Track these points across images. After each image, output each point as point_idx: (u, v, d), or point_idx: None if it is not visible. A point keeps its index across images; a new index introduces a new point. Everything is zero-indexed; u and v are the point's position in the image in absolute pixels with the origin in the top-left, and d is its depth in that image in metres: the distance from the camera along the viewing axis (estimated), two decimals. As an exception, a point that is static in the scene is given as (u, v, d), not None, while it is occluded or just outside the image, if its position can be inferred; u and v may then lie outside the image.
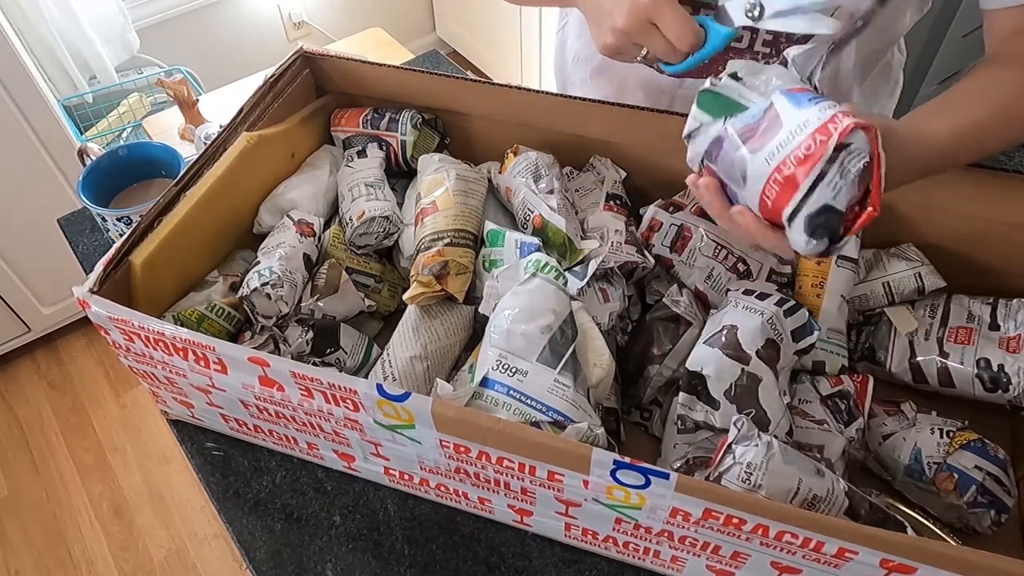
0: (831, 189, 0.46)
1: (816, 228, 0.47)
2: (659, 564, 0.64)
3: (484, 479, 0.62)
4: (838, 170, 0.46)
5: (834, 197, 0.46)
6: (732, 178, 0.53)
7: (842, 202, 0.46)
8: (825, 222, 0.47)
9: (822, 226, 0.47)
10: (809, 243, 0.48)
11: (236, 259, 0.81)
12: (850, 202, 0.47)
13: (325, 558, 0.69)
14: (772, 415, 0.62)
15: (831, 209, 0.46)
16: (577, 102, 0.80)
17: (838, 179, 0.46)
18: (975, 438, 0.66)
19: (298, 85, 0.88)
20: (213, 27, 2.19)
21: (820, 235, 0.47)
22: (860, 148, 0.46)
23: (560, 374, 0.60)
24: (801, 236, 0.48)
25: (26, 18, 1.71)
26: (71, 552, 1.66)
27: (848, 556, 0.50)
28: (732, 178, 0.53)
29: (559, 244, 0.74)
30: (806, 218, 0.47)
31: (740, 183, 0.52)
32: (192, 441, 0.78)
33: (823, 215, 0.47)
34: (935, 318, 0.73)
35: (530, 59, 2.32)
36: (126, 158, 0.96)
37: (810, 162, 0.46)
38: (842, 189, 0.46)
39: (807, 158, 0.46)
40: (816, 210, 0.47)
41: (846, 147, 0.46)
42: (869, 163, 0.46)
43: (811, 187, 0.47)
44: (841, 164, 0.46)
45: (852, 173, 0.46)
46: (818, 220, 0.47)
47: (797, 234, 0.48)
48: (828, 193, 0.46)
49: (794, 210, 0.48)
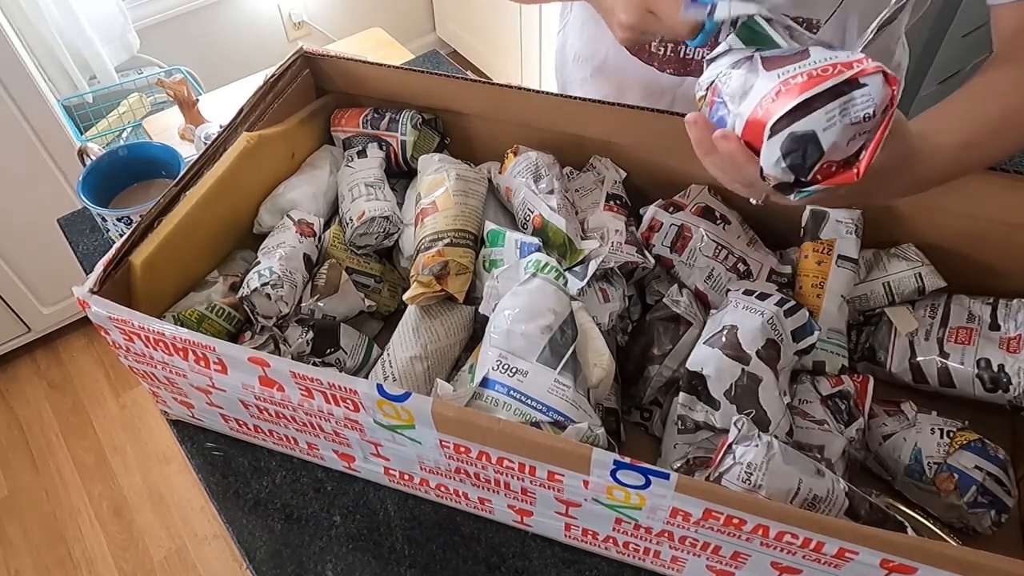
0: (825, 120, 0.43)
1: (791, 151, 0.44)
2: (659, 564, 0.64)
3: (484, 479, 0.62)
4: (841, 106, 0.43)
5: (824, 130, 0.43)
6: (733, 96, 0.50)
7: (828, 140, 0.43)
8: (803, 150, 0.44)
9: (798, 152, 0.44)
10: (778, 163, 0.45)
11: (236, 259, 0.81)
12: (831, 150, 0.44)
13: (325, 558, 0.69)
14: (772, 415, 0.62)
15: (814, 140, 0.43)
16: (577, 102, 0.80)
17: (836, 115, 0.43)
18: (975, 438, 0.66)
19: (298, 85, 0.88)
20: (213, 27, 2.19)
21: (792, 160, 0.45)
22: (873, 96, 0.43)
23: (560, 374, 0.60)
24: (774, 153, 0.45)
25: (26, 18, 1.71)
26: (71, 552, 1.66)
27: (848, 556, 0.50)
28: (733, 96, 0.50)
29: (559, 244, 0.74)
30: (788, 135, 0.44)
31: (739, 100, 0.49)
32: (192, 441, 0.78)
33: (804, 141, 0.44)
34: (935, 318, 0.73)
35: (530, 59, 2.32)
36: (126, 158, 0.96)
37: (817, 81, 0.43)
38: (835, 127, 0.43)
39: (817, 77, 0.44)
40: (801, 132, 0.44)
41: (861, 87, 0.43)
42: (872, 118, 0.43)
43: (807, 104, 0.44)
44: (847, 102, 0.43)
45: (852, 117, 0.43)
46: (797, 143, 0.44)
47: (771, 149, 0.45)
48: (821, 121, 0.43)
49: (778, 121, 0.45)
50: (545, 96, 0.81)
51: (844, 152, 0.45)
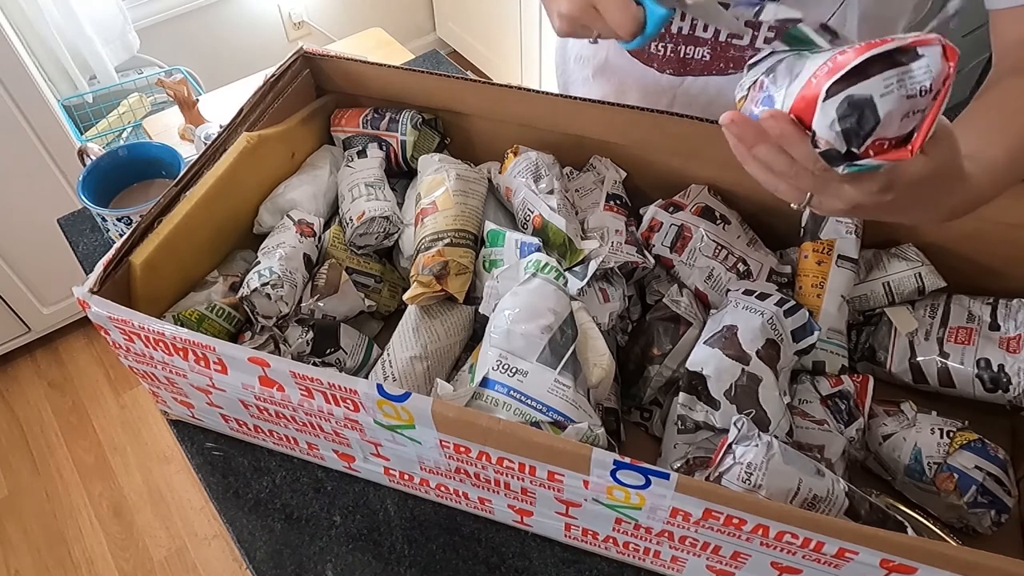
0: (883, 86, 0.42)
1: (847, 115, 0.43)
2: (659, 564, 0.64)
3: (484, 479, 0.62)
4: (899, 75, 0.41)
5: (881, 96, 0.42)
6: (781, 81, 0.49)
7: (884, 107, 0.42)
8: (858, 115, 0.42)
9: (852, 116, 0.43)
10: (832, 125, 0.43)
11: (236, 259, 0.81)
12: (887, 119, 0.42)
13: (325, 558, 0.69)
14: (772, 415, 0.62)
15: (871, 104, 0.42)
16: (577, 102, 0.80)
17: (894, 83, 0.41)
18: (975, 438, 0.66)
19: (298, 85, 0.88)
20: (213, 27, 2.19)
21: (846, 125, 0.43)
22: (931, 68, 0.41)
23: (560, 374, 0.60)
24: (829, 115, 0.43)
25: (26, 18, 1.71)
26: (71, 552, 1.66)
27: (848, 556, 0.50)
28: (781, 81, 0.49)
29: (559, 244, 0.74)
30: (844, 98, 0.43)
31: (787, 83, 0.48)
32: (192, 441, 0.78)
33: (860, 106, 0.42)
34: (935, 318, 0.73)
35: (530, 59, 2.32)
36: (126, 158, 0.96)
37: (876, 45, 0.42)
38: (892, 95, 0.41)
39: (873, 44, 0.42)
40: (857, 96, 0.42)
41: (918, 57, 0.42)
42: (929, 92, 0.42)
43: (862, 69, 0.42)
44: (906, 72, 0.42)
45: (908, 88, 0.41)
46: (853, 107, 0.42)
47: (825, 112, 0.44)
48: (878, 87, 0.42)
49: (835, 83, 0.43)
50: (545, 96, 0.81)
51: (898, 129, 0.43)
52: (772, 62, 0.51)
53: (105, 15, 1.85)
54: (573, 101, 0.80)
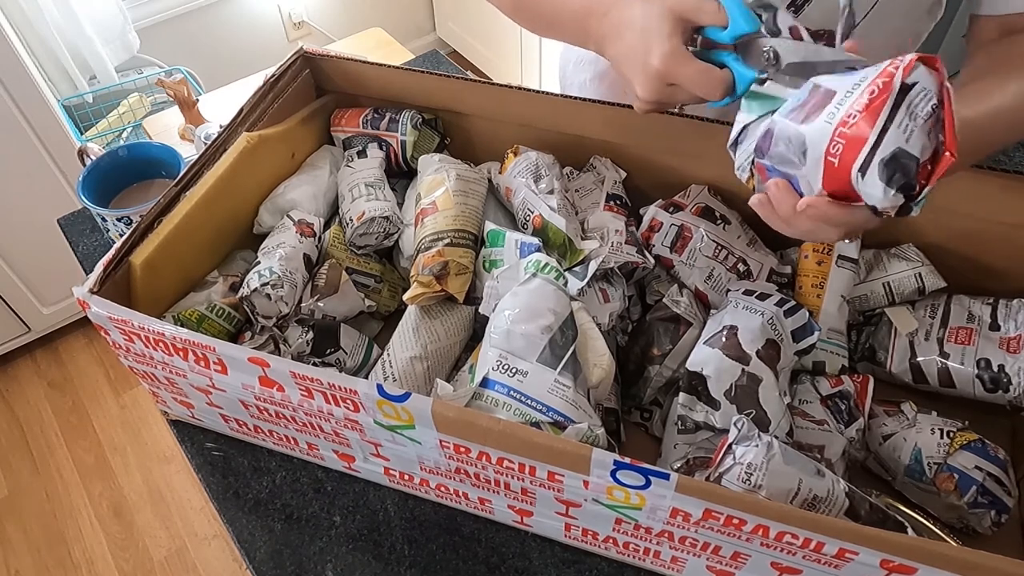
0: (902, 131, 0.43)
1: (893, 174, 0.43)
2: (659, 564, 0.64)
3: (484, 479, 0.62)
4: (907, 112, 0.43)
5: (907, 140, 0.43)
6: (788, 162, 0.49)
7: (916, 146, 0.43)
8: (902, 168, 0.43)
9: (899, 172, 0.43)
10: (887, 192, 0.44)
11: (236, 259, 0.81)
12: (922, 151, 0.43)
13: (325, 558, 0.69)
14: (772, 415, 0.62)
15: (906, 154, 0.43)
16: (577, 102, 0.80)
17: (907, 121, 0.43)
18: (975, 438, 0.66)
19: (298, 85, 0.88)
20: (213, 27, 2.19)
21: (897, 182, 0.44)
22: (927, 87, 0.43)
23: (560, 374, 0.60)
24: (877, 186, 0.44)
25: (26, 18, 1.71)
26: (71, 552, 1.66)
27: (848, 556, 0.50)
28: (788, 162, 0.49)
29: (559, 244, 0.74)
30: (880, 163, 0.44)
31: (798, 162, 0.49)
32: (192, 441, 0.78)
33: (898, 160, 0.43)
34: (935, 318, 0.73)
35: (530, 59, 2.32)
36: (126, 158, 0.96)
37: (876, 105, 0.43)
38: (914, 132, 0.43)
39: (871, 103, 0.43)
40: (890, 154, 0.43)
41: (911, 87, 0.43)
42: (938, 106, 0.43)
43: (881, 131, 0.43)
44: (909, 105, 0.43)
45: (921, 116, 0.43)
46: (894, 166, 0.43)
47: (872, 186, 0.44)
48: (900, 136, 0.43)
49: (866, 159, 0.44)
50: (545, 96, 0.81)
51: (931, 146, 0.44)
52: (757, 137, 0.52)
53: (105, 15, 1.85)
54: (573, 101, 0.80)
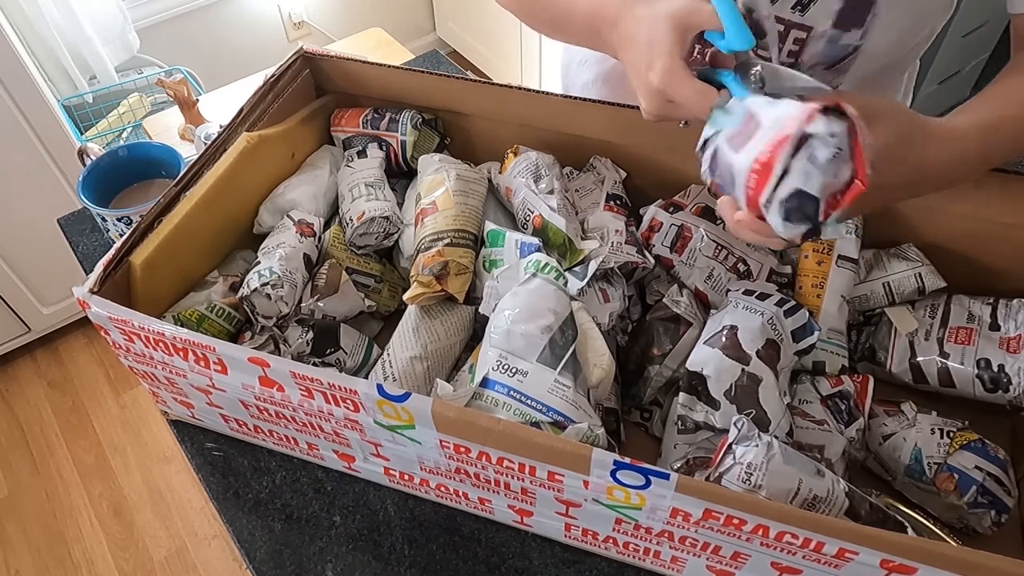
0: (802, 175, 0.47)
1: (790, 212, 0.48)
2: (659, 564, 0.64)
3: (484, 479, 0.62)
4: (807, 157, 0.47)
5: (806, 182, 0.47)
6: (726, 183, 0.54)
7: (815, 186, 0.47)
8: (799, 206, 0.48)
9: (796, 210, 0.48)
10: (786, 227, 0.49)
11: (236, 259, 0.81)
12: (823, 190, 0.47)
13: (325, 558, 0.69)
14: (772, 415, 0.62)
15: (803, 194, 0.47)
16: (577, 102, 0.80)
17: (808, 166, 0.47)
18: (975, 438, 0.66)
19: (298, 85, 0.88)
20: (213, 27, 2.19)
21: (796, 219, 0.49)
22: (831, 132, 0.46)
23: (560, 374, 0.60)
24: (777, 220, 0.49)
25: (26, 18, 1.71)
26: (71, 552, 1.66)
27: (848, 556, 0.50)
28: (726, 183, 0.54)
29: (559, 244, 0.74)
30: (779, 203, 0.49)
31: (732, 186, 0.54)
32: (192, 441, 0.78)
33: (796, 199, 0.48)
34: (935, 318, 0.73)
35: (530, 59, 2.32)
36: (126, 158, 0.96)
37: (777, 151, 0.48)
38: (813, 174, 0.47)
39: (776, 147, 0.48)
40: (787, 195, 0.48)
41: (810, 136, 0.47)
42: (843, 151, 0.46)
43: (781, 175, 0.48)
44: (810, 152, 0.47)
45: (821, 159, 0.46)
46: (791, 204, 0.48)
47: (774, 219, 0.50)
48: (799, 179, 0.47)
49: (768, 197, 0.49)
50: (545, 96, 0.81)
51: (839, 181, 0.47)
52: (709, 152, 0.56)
53: (105, 15, 1.85)
54: (573, 101, 0.80)
